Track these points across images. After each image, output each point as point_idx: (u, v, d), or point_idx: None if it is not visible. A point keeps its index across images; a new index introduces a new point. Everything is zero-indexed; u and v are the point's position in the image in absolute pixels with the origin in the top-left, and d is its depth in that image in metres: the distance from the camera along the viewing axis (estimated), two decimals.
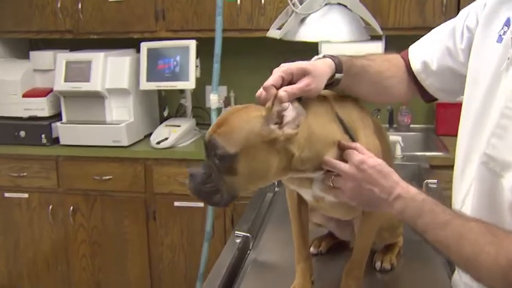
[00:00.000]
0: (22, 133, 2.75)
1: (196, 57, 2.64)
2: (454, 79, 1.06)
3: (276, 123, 0.87)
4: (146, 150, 2.65)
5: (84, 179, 2.72)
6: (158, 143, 2.62)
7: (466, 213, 0.91)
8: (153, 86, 2.70)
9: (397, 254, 1.32)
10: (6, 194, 2.84)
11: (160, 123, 2.85)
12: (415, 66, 1.10)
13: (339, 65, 0.99)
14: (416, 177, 2.01)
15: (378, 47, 2.41)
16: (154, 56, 2.69)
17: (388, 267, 1.27)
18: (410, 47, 1.16)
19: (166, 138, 2.63)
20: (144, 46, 2.70)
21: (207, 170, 0.88)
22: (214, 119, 2.57)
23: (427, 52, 1.10)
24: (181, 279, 2.72)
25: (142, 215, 2.70)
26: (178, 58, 2.66)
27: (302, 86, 0.91)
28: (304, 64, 0.94)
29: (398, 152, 2.31)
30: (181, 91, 2.85)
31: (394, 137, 2.27)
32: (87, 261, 2.82)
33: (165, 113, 2.97)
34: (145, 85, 2.69)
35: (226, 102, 3.02)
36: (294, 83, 0.92)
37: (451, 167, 1.06)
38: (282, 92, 0.88)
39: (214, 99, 2.17)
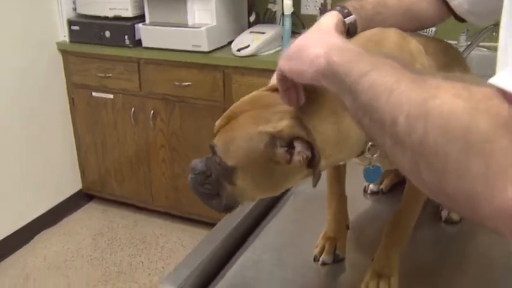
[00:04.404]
0: (107, 33, 2.71)
1: None
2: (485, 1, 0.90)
3: (283, 146, 0.69)
4: (225, 57, 2.48)
5: (164, 83, 2.65)
6: (238, 50, 2.44)
7: None
8: None
9: None
10: (94, 94, 2.88)
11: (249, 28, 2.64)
12: None
13: (346, 11, 0.84)
14: None
15: None
16: None
17: (456, 218, 1.03)
18: None
19: (248, 46, 2.43)
20: None
21: (207, 169, 0.76)
22: (288, 25, 2.33)
23: None
24: None
25: None
26: None
27: None
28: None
29: None
30: None
31: None
32: (166, 167, 2.83)
33: (251, 19, 2.75)
34: None
35: (323, 9, 2.71)
36: None
37: None
38: None
39: (287, 3, 1.91)
